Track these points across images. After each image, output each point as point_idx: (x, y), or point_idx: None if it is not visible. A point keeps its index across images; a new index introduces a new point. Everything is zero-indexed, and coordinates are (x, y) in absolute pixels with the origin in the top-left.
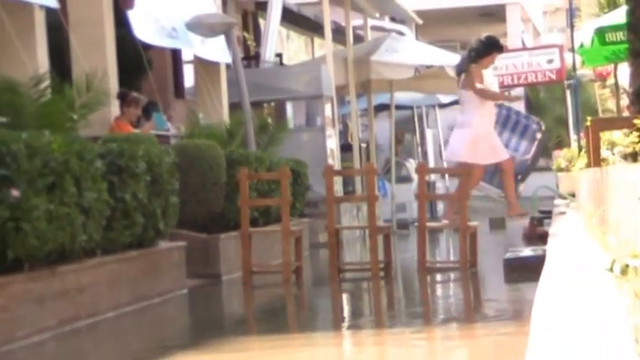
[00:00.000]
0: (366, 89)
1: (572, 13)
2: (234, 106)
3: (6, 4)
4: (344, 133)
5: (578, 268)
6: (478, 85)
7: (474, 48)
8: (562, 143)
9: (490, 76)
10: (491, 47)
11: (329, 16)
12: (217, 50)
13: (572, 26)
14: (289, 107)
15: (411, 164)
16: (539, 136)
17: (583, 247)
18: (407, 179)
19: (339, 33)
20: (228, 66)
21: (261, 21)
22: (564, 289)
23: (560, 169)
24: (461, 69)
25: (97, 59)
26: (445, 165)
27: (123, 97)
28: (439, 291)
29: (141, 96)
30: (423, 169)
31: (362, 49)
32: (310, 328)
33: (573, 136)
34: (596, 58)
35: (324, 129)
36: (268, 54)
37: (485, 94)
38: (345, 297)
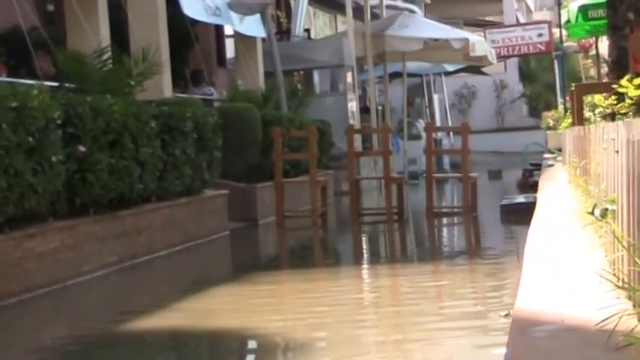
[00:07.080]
0: (382, 59)
1: None
2: (269, 75)
3: None
4: (363, 98)
5: (564, 213)
6: None
7: None
8: (550, 106)
9: (488, 49)
10: None
11: None
12: (254, 26)
13: (559, 5)
14: (316, 75)
15: (421, 124)
16: None
17: (568, 195)
18: (417, 137)
19: (358, 11)
20: (263, 40)
21: (291, 1)
22: (552, 231)
23: (549, 128)
24: None
25: (151, 34)
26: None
27: None
28: (445, 232)
29: None
30: (430, 128)
31: (378, 25)
32: (334, 264)
33: (560, 100)
34: (579, 32)
35: (346, 94)
36: (298, 29)
37: None
38: (364, 237)
